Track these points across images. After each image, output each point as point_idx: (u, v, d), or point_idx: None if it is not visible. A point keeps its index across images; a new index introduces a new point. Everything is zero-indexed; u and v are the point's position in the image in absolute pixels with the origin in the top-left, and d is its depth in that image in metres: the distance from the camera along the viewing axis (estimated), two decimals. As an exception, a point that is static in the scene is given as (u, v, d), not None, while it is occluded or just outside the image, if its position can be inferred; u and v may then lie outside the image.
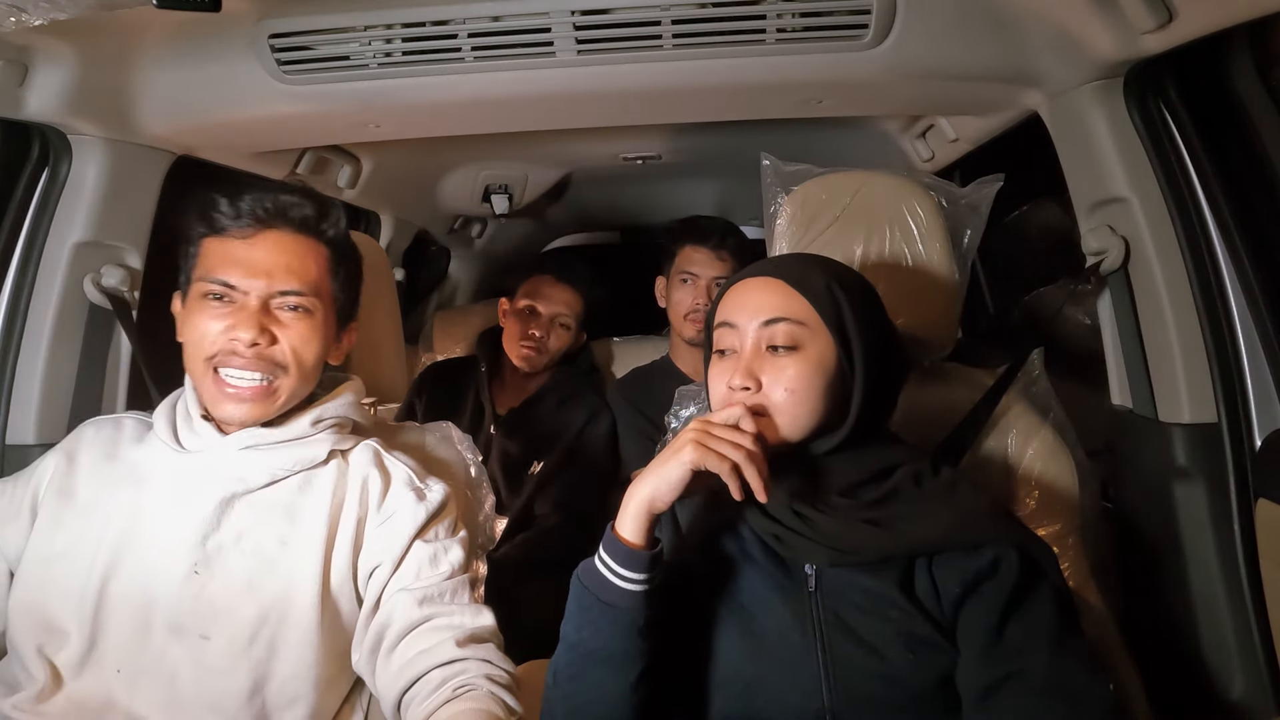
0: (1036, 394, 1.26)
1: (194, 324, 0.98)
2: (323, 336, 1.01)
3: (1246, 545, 1.13)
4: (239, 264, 0.97)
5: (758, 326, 0.91)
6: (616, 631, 0.83)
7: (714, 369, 0.95)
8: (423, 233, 2.55)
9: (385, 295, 1.36)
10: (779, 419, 0.89)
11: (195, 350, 0.98)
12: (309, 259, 1.01)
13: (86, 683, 0.91)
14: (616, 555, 0.84)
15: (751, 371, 0.89)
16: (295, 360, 0.99)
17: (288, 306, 0.99)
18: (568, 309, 1.95)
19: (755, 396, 0.89)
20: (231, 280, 0.97)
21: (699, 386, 1.40)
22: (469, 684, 0.89)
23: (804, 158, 1.30)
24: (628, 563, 0.84)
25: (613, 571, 0.84)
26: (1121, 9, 1.03)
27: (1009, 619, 0.83)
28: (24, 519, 0.99)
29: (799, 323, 0.90)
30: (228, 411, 0.98)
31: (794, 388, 0.88)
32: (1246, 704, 1.10)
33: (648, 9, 1.16)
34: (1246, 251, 1.16)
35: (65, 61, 1.17)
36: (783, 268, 0.95)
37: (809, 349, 0.90)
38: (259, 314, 0.97)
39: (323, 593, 0.95)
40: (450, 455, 1.24)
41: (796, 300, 0.91)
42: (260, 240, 0.98)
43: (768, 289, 0.93)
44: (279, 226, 1.00)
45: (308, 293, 0.99)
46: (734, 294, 0.95)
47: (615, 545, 0.85)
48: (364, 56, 1.23)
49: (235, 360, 0.96)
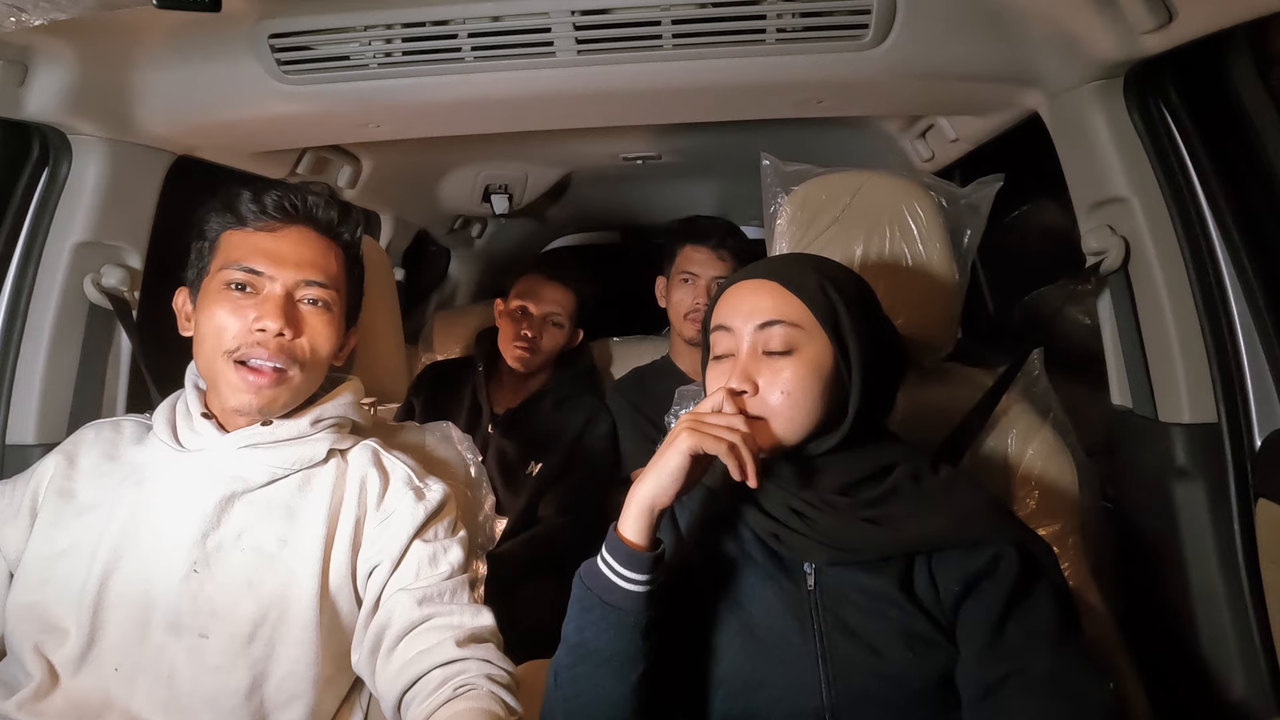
0: (1036, 394, 1.26)
1: (212, 315, 0.98)
2: (336, 333, 1.03)
3: (1246, 545, 1.13)
4: (266, 253, 0.99)
5: (753, 330, 0.91)
6: (619, 632, 0.83)
7: (711, 372, 0.95)
8: (423, 233, 2.55)
9: (385, 295, 1.35)
10: (776, 422, 0.89)
11: (213, 343, 0.98)
12: (330, 256, 1.03)
13: (84, 681, 0.91)
14: (619, 556, 0.84)
15: (748, 375, 0.89)
16: (313, 355, 1.00)
17: (309, 300, 1.00)
18: (559, 307, 1.95)
19: (751, 400, 0.89)
20: (259, 267, 0.98)
21: (699, 386, 1.39)
22: (469, 684, 0.89)
23: (804, 158, 1.30)
24: (630, 564, 0.84)
25: (615, 572, 0.84)
26: (1121, 9, 1.03)
27: (1008, 617, 0.83)
28: (24, 519, 0.99)
29: (794, 325, 0.90)
30: (244, 401, 0.97)
31: (790, 390, 0.88)
32: (1246, 704, 1.10)
33: (648, 9, 1.16)
34: (1246, 251, 1.16)
35: (65, 61, 1.17)
36: (777, 269, 0.95)
37: (805, 351, 0.89)
38: (284, 304, 0.98)
39: (321, 591, 0.95)
40: (450, 455, 1.24)
41: (791, 302, 0.91)
42: (285, 234, 1.00)
43: (762, 291, 0.93)
44: (302, 223, 1.02)
45: (330, 285, 1.01)
46: (729, 297, 0.95)
47: (618, 546, 0.85)
48: (364, 56, 1.23)
49: (259, 352, 0.96)
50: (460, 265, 2.88)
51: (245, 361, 0.97)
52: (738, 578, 0.91)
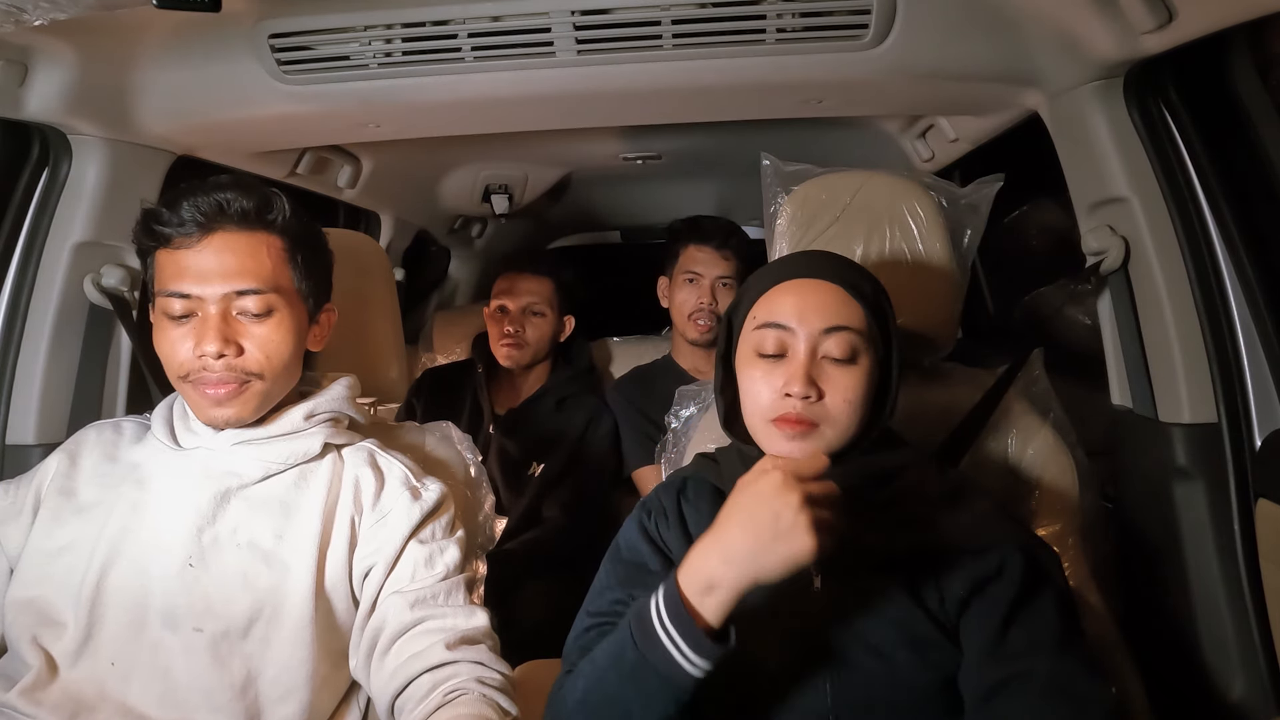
0: (1036, 394, 1.26)
1: (161, 344, 0.97)
2: (291, 331, 0.99)
3: (1246, 545, 1.13)
4: (192, 273, 0.95)
5: (817, 333, 0.87)
6: (664, 704, 0.76)
7: (756, 370, 0.90)
8: (423, 233, 2.55)
9: (385, 295, 1.36)
10: (833, 431, 0.87)
11: (169, 368, 0.98)
12: (261, 253, 0.97)
13: (81, 674, 0.92)
14: (689, 637, 0.74)
15: (812, 379, 0.86)
16: (268, 365, 0.97)
17: (249, 310, 0.96)
18: (536, 296, 1.94)
19: (813, 406, 0.86)
20: (187, 289, 0.95)
21: (699, 386, 1.39)
22: (460, 688, 0.88)
23: (804, 158, 1.29)
24: (700, 649, 0.74)
25: (679, 650, 0.75)
26: (1121, 9, 1.03)
27: (1013, 621, 0.83)
28: (26, 518, 0.99)
29: (858, 332, 0.88)
30: (211, 415, 0.98)
31: (852, 398, 0.86)
32: (1246, 704, 1.09)
33: (648, 9, 1.16)
34: (1246, 251, 1.16)
35: (65, 61, 1.16)
36: (837, 271, 0.91)
37: (864, 358, 0.88)
38: (220, 325, 0.94)
39: (316, 588, 0.95)
40: (450, 455, 1.24)
41: (854, 308, 0.89)
42: (207, 244, 0.95)
43: (826, 293, 0.89)
44: (223, 226, 0.96)
45: (266, 289, 0.96)
46: (785, 294, 0.91)
47: (688, 625, 0.74)
48: (364, 56, 1.23)
49: (207, 376, 0.95)
50: (460, 265, 2.88)
51: (201, 382, 0.96)
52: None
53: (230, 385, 0.96)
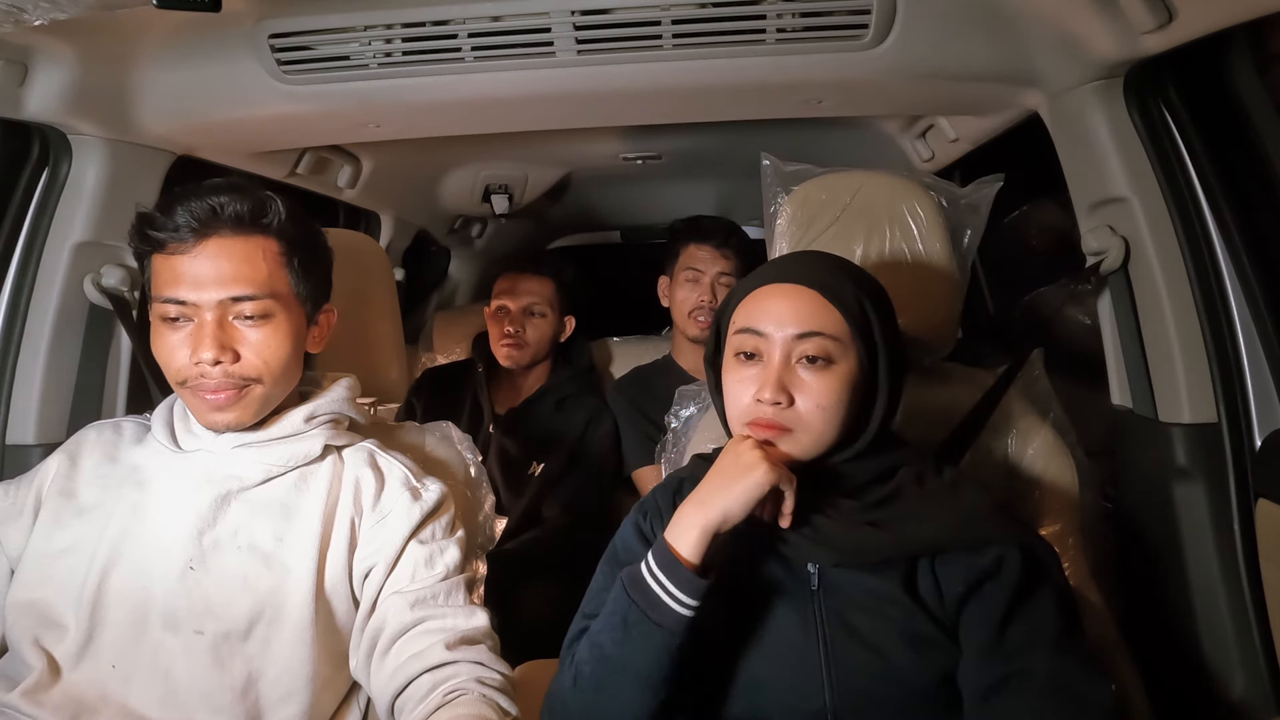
0: (1036, 394, 1.26)
1: (159, 349, 0.97)
2: (289, 335, 0.98)
3: (1246, 545, 1.13)
4: (188, 279, 0.93)
5: (789, 338, 0.88)
6: (659, 651, 0.81)
7: (735, 375, 0.91)
8: (423, 233, 2.55)
9: (385, 295, 1.36)
10: (806, 436, 0.87)
11: (168, 373, 0.97)
12: (256, 257, 0.96)
13: (82, 676, 0.92)
14: (674, 577, 0.82)
15: (783, 385, 0.86)
16: (266, 370, 0.97)
17: (245, 315, 0.96)
18: (537, 296, 1.94)
19: (784, 412, 0.87)
20: (183, 296, 0.94)
21: (699, 386, 1.39)
22: (459, 688, 0.88)
23: (804, 158, 1.29)
24: (685, 587, 0.81)
25: (667, 592, 0.82)
26: (1121, 9, 1.03)
27: (1011, 619, 0.83)
28: (26, 518, 0.99)
29: (832, 338, 0.88)
30: (211, 420, 0.97)
31: (825, 404, 0.86)
32: (1246, 704, 1.10)
33: (648, 9, 1.16)
34: (1246, 251, 1.16)
35: (65, 61, 1.16)
36: (815, 276, 0.91)
37: (840, 364, 0.88)
38: (217, 331, 0.94)
39: (317, 590, 0.95)
40: (450, 455, 1.24)
41: (830, 314, 0.88)
42: (202, 250, 0.94)
43: (801, 299, 0.89)
44: (218, 231, 0.94)
45: (262, 294, 0.95)
46: (761, 299, 0.91)
47: (673, 566, 0.82)
48: (364, 56, 1.23)
49: (205, 383, 0.95)
50: (460, 265, 2.88)
51: (199, 388, 0.96)
52: (741, 577, 0.91)
53: (229, 391, 0.96)
